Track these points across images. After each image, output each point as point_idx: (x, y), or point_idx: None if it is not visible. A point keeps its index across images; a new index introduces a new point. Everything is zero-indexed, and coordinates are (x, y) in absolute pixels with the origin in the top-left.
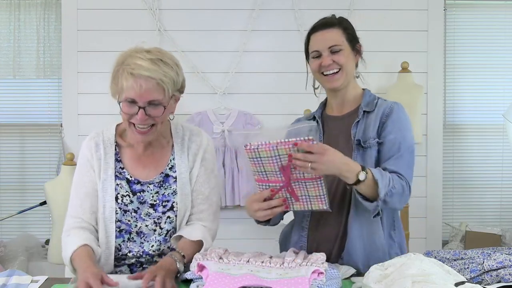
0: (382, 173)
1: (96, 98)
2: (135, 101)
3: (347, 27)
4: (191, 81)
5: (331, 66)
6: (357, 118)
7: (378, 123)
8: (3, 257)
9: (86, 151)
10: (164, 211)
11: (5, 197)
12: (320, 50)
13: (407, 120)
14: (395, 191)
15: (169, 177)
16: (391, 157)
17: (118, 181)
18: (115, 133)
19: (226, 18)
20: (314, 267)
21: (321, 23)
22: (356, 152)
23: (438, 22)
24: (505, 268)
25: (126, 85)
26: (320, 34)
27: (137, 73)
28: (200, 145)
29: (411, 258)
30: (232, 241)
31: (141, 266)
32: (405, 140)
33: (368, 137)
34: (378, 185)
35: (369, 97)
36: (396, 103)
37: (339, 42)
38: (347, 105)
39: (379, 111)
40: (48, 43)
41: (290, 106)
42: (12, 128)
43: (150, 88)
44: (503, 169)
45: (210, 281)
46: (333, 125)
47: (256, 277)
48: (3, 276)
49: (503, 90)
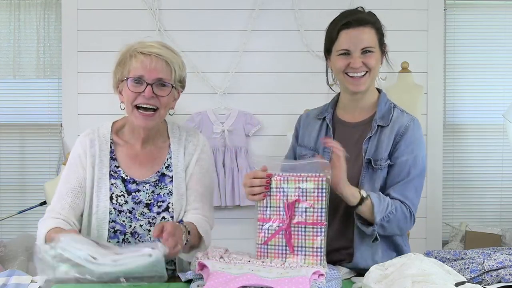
0: (381, 198)
1: (96, 98)
2: (143, 78)
3: (379, 27)
4: (191, 81)
5: (360, 69)
6: (370, 132)
7: (391, 142)
8: (3, 257)
9: (79, 148)
10: (159, 212)
11: (5, 197)
12: (351, 50)
13: (421, 139)
14: (394, 218)
15: (165, 177)
16: (399, 182)
17: (112, 180)
18: (111, 130)
19: (226, 18)
20: (314, 269)
21: (356, 19)
22: (365, 170)
23: (438, 22)
24: (505, 268)
25: (135, 64)
26: (354, 31)
27: (147, 51)
28: (197, 144)
29: (411, 258)
30: (232, 241)
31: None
32: (416, 163)
33: (380, 158)
34: (374, 209)
35: (385, 106)
36: (413, 119)
37: (373, 44)
38: (361, 111)
39: (394, 127)
40: (48, 43)
41: (290, 106)
42: (12, 128)
43: (159, 67)
44: (503, 169)
45: (211, 280)
46: (344, 133)
47: (257, 276)
48: (3, 276)
49: (503, 90)
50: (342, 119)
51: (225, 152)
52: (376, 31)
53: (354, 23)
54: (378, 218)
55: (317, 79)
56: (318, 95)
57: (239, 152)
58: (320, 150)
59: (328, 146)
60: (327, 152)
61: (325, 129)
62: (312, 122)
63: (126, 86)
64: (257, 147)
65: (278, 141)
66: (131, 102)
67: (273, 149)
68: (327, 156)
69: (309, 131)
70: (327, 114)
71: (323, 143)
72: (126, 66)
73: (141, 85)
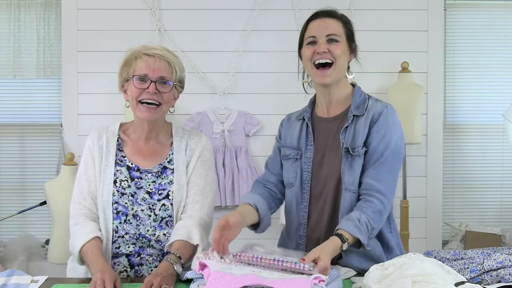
0: (357, 225)
1: (96, 98)
2: (147, 76)
3: (348, 23)
4: (191, 81)
5: (325, 55)
6: (346, 122)
7: (367, 129)
8: (3, 257)
9: (89, 142)
10: (159, 199)
11: (5, 197)
12: (317, 37)
13: (394, 124)
14: (375, 227)
15: (166, 169)
16: (370, 166)
17: (118, 167)
18: (119, 128)
19: (226, 18)
20: (316, 275)
21: (323, 11)
22: (345, 159)
23: (438, 22)
24: (505, 268)
25: (140, 63)
26: (320, 21)
27: (151, 52)
28: (199, 142)
29: (411, 258)
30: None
31: (138, 256)
32: (389, 145)
33: (357, 145)
34: (361, 240)
35: (359, 97)
36: (386, 106)
37: (338, 33)
38: (336, 106)
39: (369, 115)
40: (48, 43)
41: (290, 106)
42: (12, 128)
43: (162, 66)
44: (503, 169)
45: (212, 280)
46: (323, 129)
47: (258, 277)
48: (3, 276)
49: (503, 90)
50: (320, 116)
51: (225, 152)
52: (343, 24)
53: (321, 14)
54: (366, 242)
55: None
56: None
57: (239, 152)
58: (303, 148)
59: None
60: (310, 149)
61: (305, 128)
62: (294, 124)
63: (131, 83)
64: (257, 147)
65: None
66: (136, 97)
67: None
68: (310, 152)
69: (290, 132)
70: (306, 113)
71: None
72: (131, 66)
73: (145, 82)
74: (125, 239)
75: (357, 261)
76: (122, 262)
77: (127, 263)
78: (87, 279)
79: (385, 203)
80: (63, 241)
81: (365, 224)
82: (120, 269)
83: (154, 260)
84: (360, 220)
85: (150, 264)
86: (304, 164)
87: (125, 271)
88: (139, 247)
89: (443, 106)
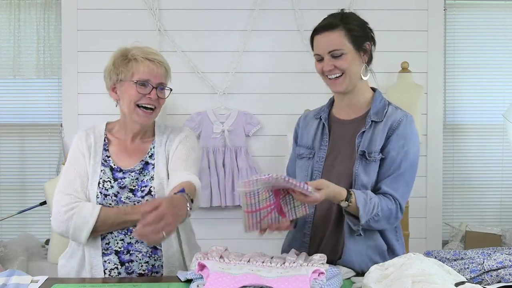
0: (366, 199)
1: (96, 98)
2: (149, 82)
3: (351, 28)
4: (191, 81)
5: (332, 71)
6: (363, 127)
7: (384, 136)
8: (3, 257)
9: (77, 141)
10: (142, 196)
11: (5, 197)
12: (321, 54)
13: (413, 134)
14: (380, 218)
15: (148, 164)
16: (389, 176)
17: (102, 167)
18: (105, 128)
19: (226, 18)
20: (315, 267)
21: (323, 25)
22: (359, 162)
23: (438, 22)
24: (505, 268)
25: (142, 68)
26: (321, 37)
27: (151, 57)
28: (180, 133)
29: (411, 258)
30: (232, 241)
31: (128, 252)
32: (407, 157)
33: (373, 150)
34: (359, 213)
35: (379, 103)
36: (406, 115)
37: (340, 46)
38: (355, 110)
39: (387, 122)
40: (48, 43)
41: (290, 106)
42: (12, 128)
43: (161, 73)
44: (503, 169)
45: (211, 280)
46: (339, 130)
47: (257, 276)
48: (3, 276)
49: (503, 90)
50: (337, 117)
51: (225, 152)
52: (346, 32)
53: (321, 29)
54: (363, 221)
55: (317, 79)
56: (318, 95)
57: (239, 152)
58: (316, 148)
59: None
60: (323, 149)
61: (321, 128)
62: (310, 122)
63: (130, 87)
64: (257, 147)
65: (278, 141)
66: (135, 101)
67: (273, 149)
68: (323, 152)
69: (307, 131)
70: (323, 113)
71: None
72: (128, 68)
73: (145, 87)
74: (113, 235)
75: (358, 262)
76: (112, 259)
77: (117, 260)
78: (87, 279)
79: (398, 210)
80: (63, 241)
81: (373, 206)
82: (110, 266)
83: (143, 256)
84: (372, 199)
85: (140, 260)
86: (316, 164)
87: (116, 269)
88: (127, 243)
89: (443, 106)
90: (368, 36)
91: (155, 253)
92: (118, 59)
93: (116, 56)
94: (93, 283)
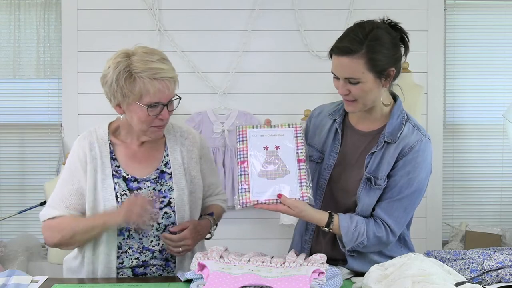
0: (350, 227)
1: (96, 98)
2: (160, 102)
3: (374, 57)
4: (191, 81)
5: (346, 96)
6: (375, 146)
7: (393, 160)
8: (3, 257)
9: (79, 150)
10: (161, 207)
11: (5, 197)
12: (337, 75)
13: (424, 161)
14: (366, 245)
15: (164, 173)
16: (386, 200)
17: (115, 180)
18: (108, 131)
19: (226, 18)
20: (314, 267)
21: (342, 48)
22: (363, 186)
23: (438, 22)
24: (505, 268)
25: (152, 90)
26: (338, 60)
27: (160, 77)
28: (194, 141)
29: (411, 258)
30: (232, 241)
31: (142, 266)
32: (411, 183)
33: (380, 177)
34: (343, 239)
35: (397, 119)
36: (421, 140)
37: (357, 75)
38: (372, 121)
39: (399, 145)
40: (48, 43)
41: (290, 106)
42: (12, 128)
43: (171, 88)
44: (503, 169)
45: (211, 280)
46: (352, 139)
47: (257, 276)
48: (3, 276)
49: (503, 90)
50: (352, 125)
51: (225, 152)
52: (367, 60)
53: (340, 52)
54: (348, 247)
55: (317, 79)
56: (318, 95)
57: None
58: (326, 154)
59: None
60: (333, 156)
61: (333, 133)
62: (324, 121)
63: (139, 109)
64: None
65: None
66: (148, 124)
67: None
68: (332, 160)
69: (319, 131)
70: (338, 116)
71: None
72: (134, 89)
73: (156, 107)
74: (128, 254)
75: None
76: (126, 272)
77: (131, 273)
78: (87, 279)
79: (388, 236)
80: None
81: (357, 234)
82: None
83: (157, 269)
84: (357, 227)
85: (154, 273)
86: (323, 171)
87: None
88: (142, 261)
89: (443, 106)
90: (396, 59)
91: (168, 265)
92: (121, 76)
93: (118, 70)
94: (93, 283)
